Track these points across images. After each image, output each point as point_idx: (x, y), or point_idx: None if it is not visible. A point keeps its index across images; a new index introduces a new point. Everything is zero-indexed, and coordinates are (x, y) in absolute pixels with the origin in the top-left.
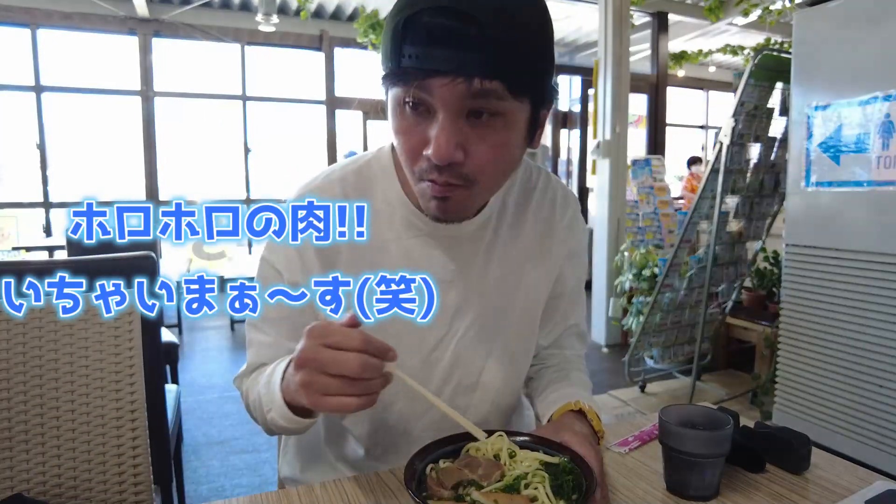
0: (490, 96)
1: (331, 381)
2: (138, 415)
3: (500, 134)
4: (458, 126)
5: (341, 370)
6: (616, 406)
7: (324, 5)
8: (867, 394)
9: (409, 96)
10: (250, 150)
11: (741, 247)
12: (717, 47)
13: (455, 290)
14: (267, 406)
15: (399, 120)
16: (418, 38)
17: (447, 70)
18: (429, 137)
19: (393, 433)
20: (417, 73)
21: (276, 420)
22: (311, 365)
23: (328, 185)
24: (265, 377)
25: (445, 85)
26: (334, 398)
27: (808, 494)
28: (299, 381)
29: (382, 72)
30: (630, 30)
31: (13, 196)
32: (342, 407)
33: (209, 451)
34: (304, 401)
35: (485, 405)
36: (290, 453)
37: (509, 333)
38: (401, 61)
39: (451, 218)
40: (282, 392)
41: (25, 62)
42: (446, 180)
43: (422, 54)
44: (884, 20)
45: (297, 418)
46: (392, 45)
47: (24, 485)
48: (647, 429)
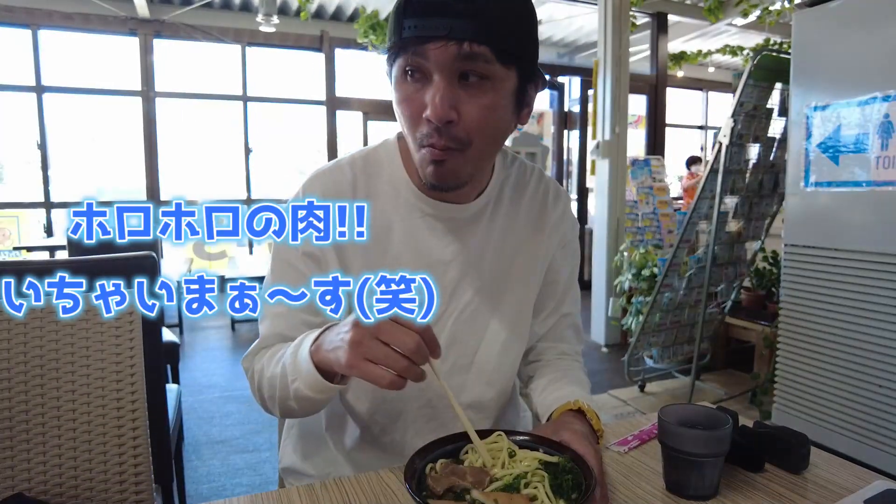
0: (478, 59)
1: (380, 349)
2: (139, 414)
3: (489, 96)
4: (451, 88)
5: (397, 343)
6: (615, 405)
7: (324, 6)
8: (866, 393)
9: (409, 64)
10: (251, 150)
11: (740, 247)
12: (716, 48)
13: (453, 270)
14: (292, 376)
15: (401, 90)
16: (417, 11)
17: (441, 35)
18: (426, 102)
19: (391, 413)
20: (415, 40)
21: (300, 390)
22: (370, 329)
23: (338, 168)
24: (292, 348)
25: (439, 48)
26: (375, 366)
27: (807, 494)
28: (350, 338)
29: (387, 49)
30: (630, 30)
31: (14, 196)
32: (377, 378)
33: (210, 450)
34: (344, 359)
35: (479, 385)
36: (291, 443)
37: (503, 315)
38: (402, 33)
39: (446, 184)
40: (311, 354)
41: (26, 63)
42: (444, 143)
43: (419, 24)
44: (883, 21)
45: (325, 383)
46: (395, 21)
47: (26, 484)
48: (646, 428)
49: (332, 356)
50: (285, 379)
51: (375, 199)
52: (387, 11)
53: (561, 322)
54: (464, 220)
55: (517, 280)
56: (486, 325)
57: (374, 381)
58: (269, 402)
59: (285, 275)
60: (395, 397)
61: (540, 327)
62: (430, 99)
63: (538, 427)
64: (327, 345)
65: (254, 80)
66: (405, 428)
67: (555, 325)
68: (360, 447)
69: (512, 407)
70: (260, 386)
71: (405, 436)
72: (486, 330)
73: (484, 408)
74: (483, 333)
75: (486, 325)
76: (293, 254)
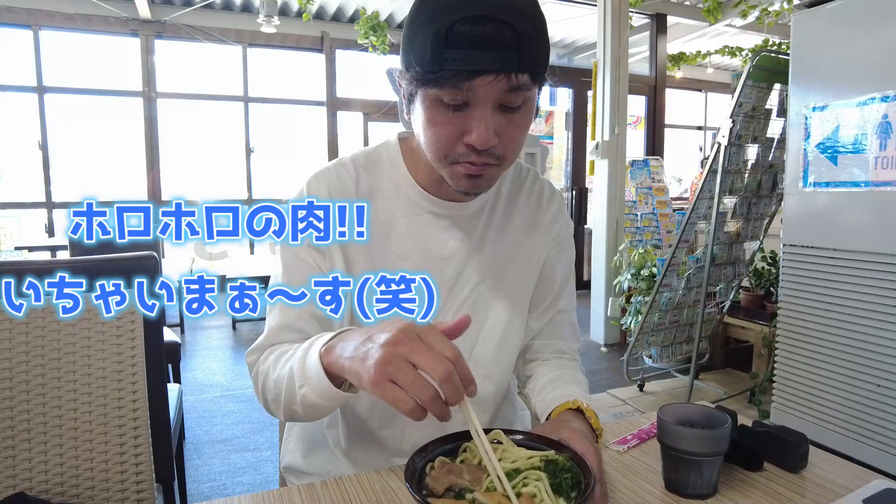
0: (522, 88)
1: (410, 374)
2: (140, 413)
3: (525, 117)
4: (494, 116)
5: (427, 367)
6: (615, 405)
7: (325, 7)
8: (865, 393)
9: (450, 94)
10: (252, 150)
11: (739, 247)
12: (715, 49)
13: (453, 265)
14: (300, 381)
15: (435, 114)
16: (463, 44)
17: (491, 69)
18: (465, 128)
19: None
20: (463, 74)
21: (307, 396)
22: (402, 349)
23: (341, 165)
24: (300, 351)
25: (490, 83)
26: (399, 390)
27: (806, 493)
28: (380, 356)
29: (416, 73)
30: (629, 31)
31: (16, 196)
32: (399, 402)
33: (211, 449)
34: (367, 376)
35: (477, 378)
36: (292, 442)
37: (500, 310)
38: (444, 64)
39: (479, 191)
40: (321, 358)
41: (28, 63)
42: (483, 161)
43: (466, 58)
44: (881, 22)
45: (335, 391)
46: (433, 50)
47: (27, 483)
48: (645, 427)
49: (350, 366)
50: (292, 382)
51: (378, 195)
52: (387, 12)
53: (557, 318)
54: (464, 217)
55: (514, 276)
56: (483, 320)
57: (394, 405)
58: (272, 405)
59: (294, 267)
60: None
61: (536, 323)
62: (474, 127)
63: (537, 426)
64: (349, 353)
65: (255, 80)
66: (403, 423)
67: (551, 320)
68: (358, 444)
69: (509, 405)
70: (265, 388)
71: (404, 431)
72: (483, 324)
73: (482, 401)
74: (481, 327)
75: (484, 320)
76: (300, 246)
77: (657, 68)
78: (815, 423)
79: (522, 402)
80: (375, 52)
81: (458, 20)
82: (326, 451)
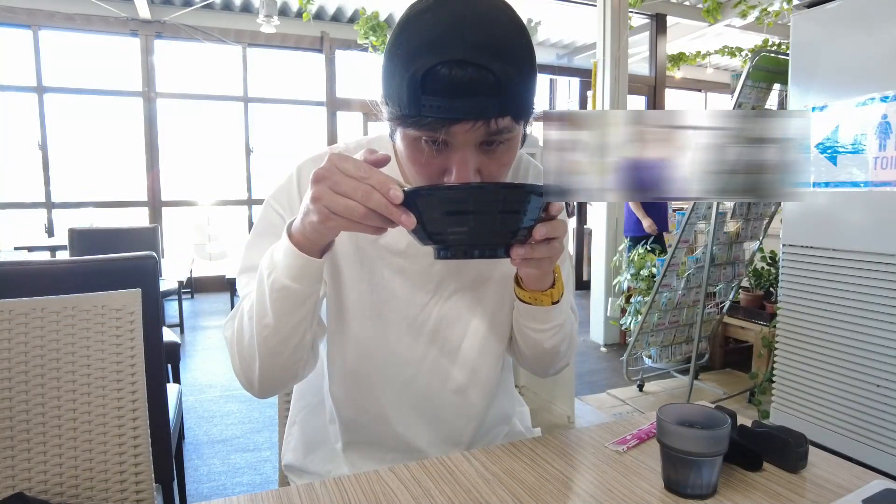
0: (503, 131)
1: (339, 200)
2: (140, 413)
3: (507, 154)
4: (474, 156)
5: (348, 193)
6: (614, 405)
7: (324, 7)
8: (864, 393)
9: (428, 137)
10: (252, 150)
11: (738, 247)
12: (715, 49)
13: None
14: (268, 271)
15: (415, 153)
16: (438, 90)
17: (469, 117)
18: (445, 167)
19: (376, 420)
20: (440, 121)
21: (277, 280)
22: (325, 183)
23: (334, 148)
24: (266, 255)
25: (468, 130)
26: (339, 218)
27: (806, 493)
28: (311, 196)
29: (394, 114)
30: (628, 31)
31: (15, 196)
32: (350, 209)
33: (210, 449)
34: (314, 219)
35: (465, 371)
36: (292, 440)
37: (488, 303)
38: (420, 110)
39: None
40: (288, 236)
41: (28, 63)
42: None
43: (444, 105)
44: (881, 22)
45: (302, 256)
46: (409, 93)
47: (26, 483)
48: (645, 427)
49: (302, 222)
50: (262, 286)
51: None
52: (387, 13)
53: None
54: None
55: (501, 269)
56: (471, 313)
57: (348, 212)
58: (247, 352)
59: (267, 234)
60: (374, 385)
61: None
62: (454, 169)
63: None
64: (299, 216)
65: (254, 80)
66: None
67: None
68: (355, 442)
69: (507, 398)
70: (240, 337)
71: (396, 427)
72: (471, 317)
73: (468, 407)
74: (469, 320)
75: (472, 313)
76: (279, 218)
77: (657, 68)
78: (815, 423)
79: (521, 398)
80: (375, 53)
81: (435, 64)
82: (327, 448)
